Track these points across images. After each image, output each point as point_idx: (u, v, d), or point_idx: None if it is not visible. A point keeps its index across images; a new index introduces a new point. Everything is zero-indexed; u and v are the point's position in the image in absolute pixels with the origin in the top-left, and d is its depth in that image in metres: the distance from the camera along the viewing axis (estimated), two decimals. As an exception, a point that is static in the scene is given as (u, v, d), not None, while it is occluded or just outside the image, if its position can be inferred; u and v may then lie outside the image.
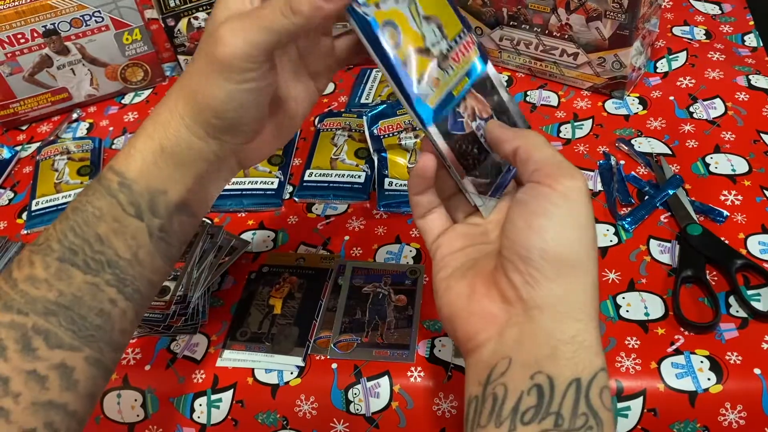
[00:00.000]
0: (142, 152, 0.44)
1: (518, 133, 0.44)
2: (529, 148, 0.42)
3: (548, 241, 0.39)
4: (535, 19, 0.81)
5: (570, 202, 0.40)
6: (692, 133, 0.77)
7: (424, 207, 0.48)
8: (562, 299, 0.40)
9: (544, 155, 0.41)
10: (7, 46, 0.85)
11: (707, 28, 0.90)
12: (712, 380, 0.57)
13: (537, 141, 0.42)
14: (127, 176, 0.44)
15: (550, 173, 0.40)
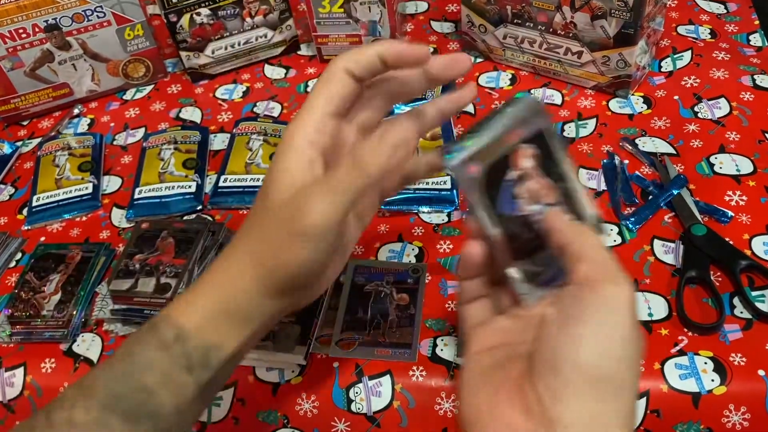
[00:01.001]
0: (203, 306, 0.43)
1: (574, 228, 0.42)
2: (581, 245, 0.40)
3: (583, 353, 0.36)
4: (539, 17, 0.80)
5: (612, 311, 0.36)
6: (697, 132, 0.76)
7: (468, 293, 0.46)
8: (592, 422, 0.35)
9: (595, 256, 0.39)
10: (9, 41, 0.85)
11: (712, 27, 0.89)
12: (716, 381, 0.56)
13: (592, 241, 0.40)
14: (184, 329, 0.43)
15: (595, 276, 0.38)
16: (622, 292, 0.37)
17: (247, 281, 0.43)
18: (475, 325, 0.45)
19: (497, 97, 0.85)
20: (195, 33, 0.90)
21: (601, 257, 0.39)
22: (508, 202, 0.42)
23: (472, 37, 0.89)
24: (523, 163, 0.43)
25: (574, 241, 0.40)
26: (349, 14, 0.88)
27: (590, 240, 0.40)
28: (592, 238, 0.40)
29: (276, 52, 0.96)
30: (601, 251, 0.39)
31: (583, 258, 0.39)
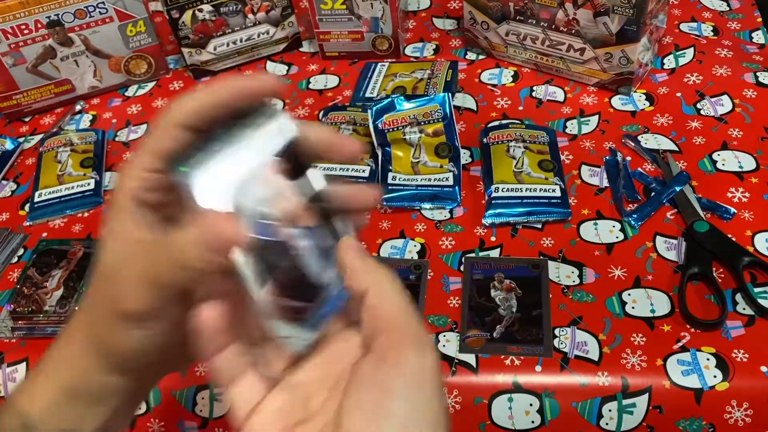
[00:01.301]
0: (48, 390, 0.38)
1: (371, 270, 0.34)
2: (379, 294, 0.34)
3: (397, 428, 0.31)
4: (542, 14, 0.80)
5: (420, 386, 0.32)
6: (699, 129, 0.76)
7: (226, 372, 0.35)
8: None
9: (394, 310, 0.33)
10: (11, 37, 0.85)
11: (715, 24, 0.89)
12: (718, 378, 0.56)
13: (389, 287, 0.34)
14: (30, 417, 0.37)
15: (396, 342, 0.32)
16: (426, 362, 0.32)
17: (87, 359, 0.37)
18: (248, 413, 0.35)
19: (499, 94, 0.85)
20: (197, 29, 0.90)
21: (401, 312, 0.33)
22: (261, 225, 0.34)
23: (475, 34, 0.89)
24: (273, 180, 0.35)
25: (372, 287, 0.34)
26: (351, 11, 0.88)
27: (388, 286, 0.34)
28: (390, 284, 0.34)
29: (278, 49, 0.96)
30: (400, 300, 0.34)
31: (383, 314, 0.33)
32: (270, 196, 0.35)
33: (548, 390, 0.58)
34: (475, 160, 0.77)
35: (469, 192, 0.74)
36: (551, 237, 0.68)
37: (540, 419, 0.58)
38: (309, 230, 0.36)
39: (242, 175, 0.34)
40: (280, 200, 0.35)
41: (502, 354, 0.60)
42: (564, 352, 0.59)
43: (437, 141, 0.75)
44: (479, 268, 0.66)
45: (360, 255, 0.36)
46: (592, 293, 0.63)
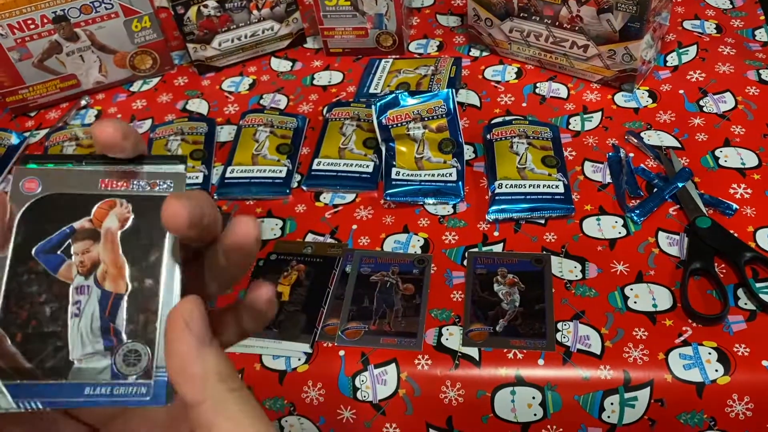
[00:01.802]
0: None
1: (207, 372, 0.27)
2: (215, 409, 0.27)
3: None
4: (545, 11, 0.80)
5: None
6: (702, 126, 0.77)
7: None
8: None
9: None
10: (17, 32, 0.85)
11: (718, 22, 0.89)
12: (719, 371, 0.57)
13: (224, 399, 0.27)
14: None
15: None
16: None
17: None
18: None
19: (503, 90, 0.85)
20: (202, 25, 0.90)
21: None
22: (52, 252, 0.29)
23: (478, 31, 0.89)
24: (106, 218, 0.30)
25: (208, 399, 0.27)
26: (355, 7, 0.89)
27: (223, 396, 0.27)
28: (225, 394, 0.27)
29: (282, 45, 0.96)
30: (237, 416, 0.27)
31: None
32: (85, 229, 0.30)
33: (551, 383, 0.58)
34: (478, 156, 0.78)
35: (472, 187, 0.74)
36: (554, 232, 0.69)
37: (542, 412, 0.58)
38: (98, 289, 0.29)
39: (73, 190, 0.30)
40: (96, 242, 0.30)
41: (505, 348, 0.60)
42: (566, 346, 0.60)
43: (441, 137, 0.76)
44: (482, 263, 0.67)
45: (196, 342, 0.27)
46: (594, 288, 0.64)
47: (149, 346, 0.29)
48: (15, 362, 0.28)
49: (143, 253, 0.30)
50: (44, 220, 0.30)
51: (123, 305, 0.29)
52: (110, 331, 0.29)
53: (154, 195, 0.30)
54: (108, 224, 0.30)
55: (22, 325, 0.28)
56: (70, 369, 0.28)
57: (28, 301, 0.29)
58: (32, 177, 0.30)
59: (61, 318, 0.29)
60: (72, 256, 0.29)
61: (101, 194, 0.30)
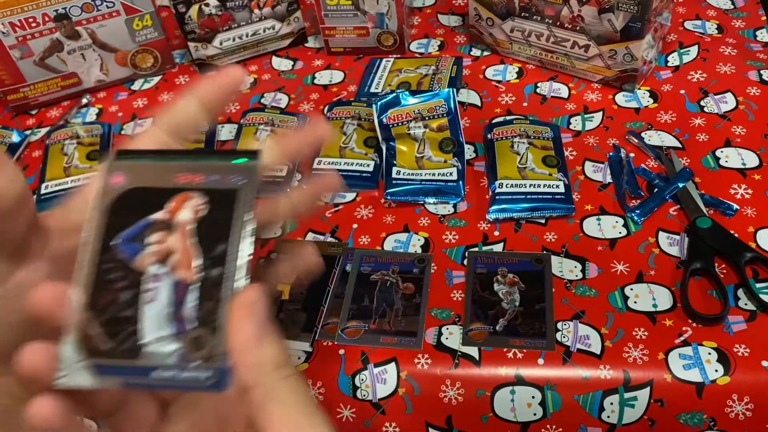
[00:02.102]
0: None
1: (263, 359, 0.29)
2: (267, 394, 0.29)
3: None
4: (546, 11, 0.80)
5: None
6: (703, 126, 0.77)
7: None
8: None
9: (285, 421, 0.29)
10: (19, 30, 0.85)
11: (719, 22, 0.89)
12: (719, 372, 0.57)
13: (277, 385, 0.29)
14: None
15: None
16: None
17: None
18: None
19: (504, 90, 0.85)
20: (203, 24, 0.90)
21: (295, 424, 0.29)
22: (132, 242, 0.32)
23: (479, 30, 0.89)
24: (180, 211, 0.32)
25: (264, 385, 0.29)
26: (356, 6, 0.89)
27: (283, 387, 0.29)
28: (285, 385, 0.29)
29: (283, 44, 0.96)
30: (298, 408, 0.29)
31: (270, 420, 0.29)
32: (161, 221, 0.32)
33: (550, 383, 0.58)
34: (479, 156, 0.78)
35: (472, 187, 0.74)
36: (554, 232, 0.69)
37: (542, 412, 0.58)
38: (172, 278, 0.31)
39: (152, 184, 0.32)
40: (171, 233, 0.32)
41: (505, 347, 0.60)
42: (566, 346, 0.60)
43: (441, 136, 0.76)
44: (482, 263, 0.67)
45: (256, 330, 0.29)
46: (594, 288, 0.64)
47: (214, 333, 0.30)
48: (95, 343, 0.30)
49: (213, 244, 0.31)
50: (126, 211, 0.32)
51: (192, 293, 0.31)
52: (179, 318, 0.30)
53: (227, 188, 0.32)
54: (182, 216, 0.32)
55: (102, 309, 0.30)
56: (142, 351, 0.30)
57: (109, 287, 0.31)
58: (119, 171, 0.33)
59: (136, 303, 0.30)
60: (149, 246, 0.31)
61: (178, 188, 0.32)
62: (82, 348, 0.30)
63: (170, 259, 0.31)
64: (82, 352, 0.30)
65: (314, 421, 0.29)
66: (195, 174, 0.32)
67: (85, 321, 0.30)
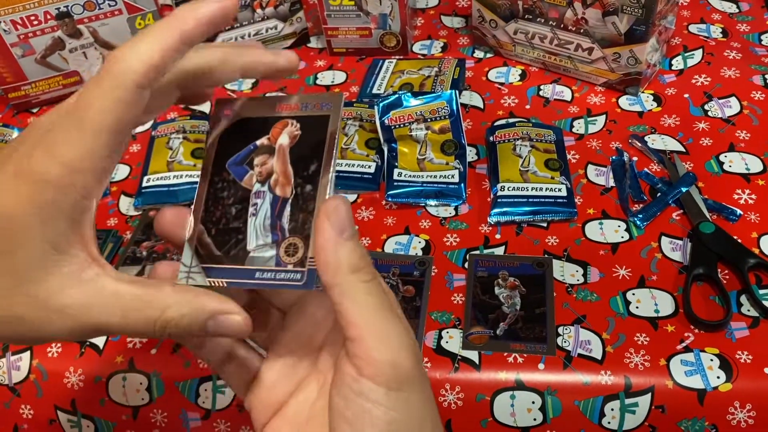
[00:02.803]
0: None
1: (340, 261, 0.32)
2: (342, 293, 0.32)
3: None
4: (550, 13, 0.80)
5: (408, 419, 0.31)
6: (707, 131, 0.76)
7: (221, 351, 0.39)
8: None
9: (373, 329, 0.32)
10: (20, 28, 0.85)
11: (724, 26, 0.89)
12: (721, 378, 0.56)
13: (353, 286, 0.32)
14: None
15: (376, 370, 0.31)
16: (415, 397, 0.32)
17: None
18: (266, 420, 0.37)
19: (506, 92, 0.85)
20: (205, 23, 0.90)
21: (384, 332, 0.32)
22: (240, 165, 0.37)
23: (483, 32, 0.89)
24: (280, 136, 0.37)
25: (346, 293, 0.32)
26: (359, 7, 0.88)
27: (367, 298, 0.32)
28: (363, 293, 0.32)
29: (286, 44, 0.96)
30: (384, 316, 0.32)
31: (358, 331, 0.32)
32: (264, 145, 0.37)
33: (551, 388, 0.58)
34: (481, 158, 0.77)
35: (474, 189, 0.74)
36: (556, 236, 0.68)
37: (542, 417, 0.58)
38: (270, 194, 0.36)
39: (256, 114, 0.37)
40: (271, 156, 0.36)
41: (505, 351, 0.60)
42: (567, 351, 0.59)
43: (443, 138, 0.75)
44: (483, 266, 0.66)
45: (334, 234, 0.32)
46: (596, 292, 0.63)
47: (304, 241, 0.34)
48: (209, 250, 0.36)
49: (306, 163, 0.36)
50: (235, 138, 0.37)
51: (288, 207, 0.35)
52: (277, 228, 0.35)
53: (318, 114, 0.36)
54: (281, 141, 0.37)
55: (215, 222, 0.36)
56: (247, 257, 0.35)
57: (221, 203, 0.36)
58: (228, 106, 0.38)
59: (243, 217, 0.36)
60: (254, 167, 0.36)
61: (277, 116, 0.37)
62: (200, 254, 0.35)
63: (271, 178, 0.36)
64: (199, 258, 0.35)
65: (388, 324, 0.32)
66: (291, 103, 0.37)
67: (201, 232, 0.36)
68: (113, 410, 0.63)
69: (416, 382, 0.32)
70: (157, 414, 0.63)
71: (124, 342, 0.65)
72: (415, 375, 0.32)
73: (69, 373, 0.64)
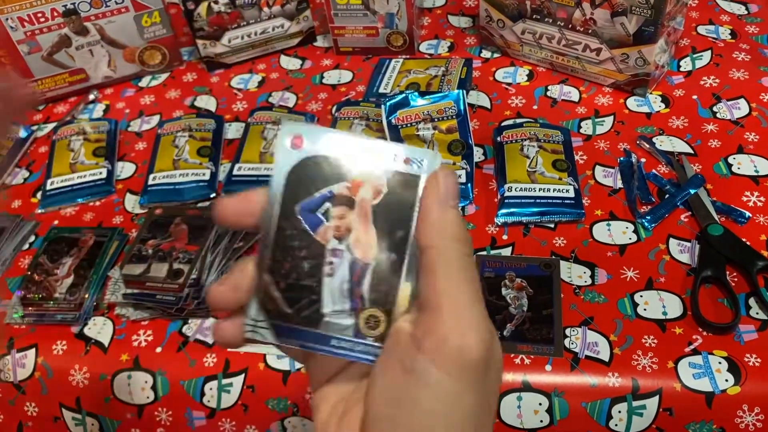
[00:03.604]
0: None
1: (445, 228, 0.30)
2: (438, 255, 0.30)
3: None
4: (558, 13, 0.80)
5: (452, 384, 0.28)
6: (715, 132, 0.76)
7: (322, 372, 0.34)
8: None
9: (455, 305, 0.29)
10: (27, 25, 0.85)
11: (733, 27, 0.88)
12: (729, 381, 0.56)
13: (451, 254, 0.30)
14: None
15: (439, 349, 0.28)
16: (468, 358, 0.28)
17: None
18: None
19: (514, 92, 0.84)
20: (212, 21, 0.90)
21: (457, 301, 0.29)
22: (313, 212, 0.32)
23: (490, 32, 0.88)
24: (361, 188, 0.32)
25: (434, 256, 0.30)
26: (366, 6, 0.88)
27: (453, 264, 0.30)
28: (455, 263, 0.30)
29: (292, 43, 0.96)
30: (461, 288, 0.29)
31: (435, 292, 0.29)
32: (343, 195, 0.32)
33: (558, 389, 0.57)
34: (488, 158, 0.77)
35: (481, 190, 0.73)
36: (564, 237, 0.68)
37: (549, 419, 0.57)
38: (350, 256, 0.32)
39: (336, 155, 0.32)
40: (352, 210, 0.32)
41: (512, 353, 0.59)
42: (574, 352, 0.59)
43: (451, 138, 0.75)
44: (490, 266, 0.66)
45: (442, 198, 0.30)
46: (603, 294, 0.63)
47: (387, 315, 0.31)
48: (277, 306, 0.32)
49: (391, 228, 0.32)
50: (308, 179, 0.32)
51: (369, 273, 0.32)
52: (356, 295, 0.32)
53: (407, 173, 0.32)
54: (363, 194, 0.32)
55: (285, 275, 0.32)
56: (321, 321, 0.32)
57: (291, 254, 0.32)
58: (299, 133, 0.32)
59: (317, 275, 0.32)
60: (329, 219, 0.32)
61: (361, 163, 0.32)
62: (267, 309, 0.32)
63: (350, 236, 0.32)
64: (266, 313, 0.32)
65: (472, 305, 0.29)
66: (377, 152, 0.32)
67: (268, 283, 0.32)
68: (118, 408, 0.63)
69: (478, 380, 0.28)
70: (162, 412, 0.62)
71: (130, 340, 0.65)
72: (479, 370, 0.28)
73: (74, 371, 0.64)
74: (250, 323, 0.32)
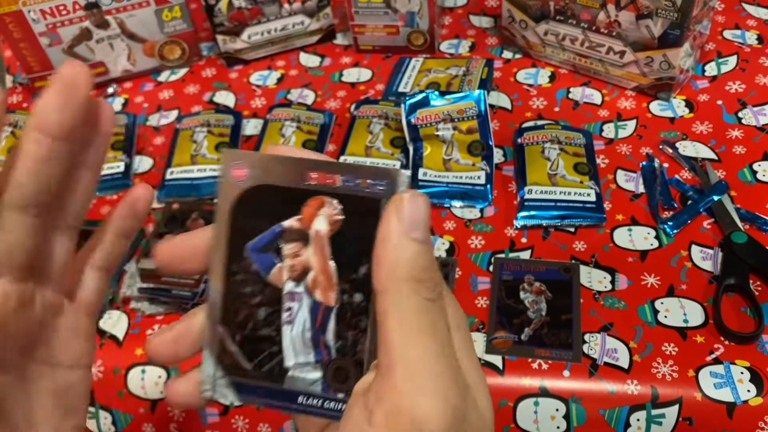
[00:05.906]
0: None
1: (398, 261, 0.25)
2: (390, 303, 0.25)
3: None
4: (582, 15, 0.79)
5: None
6: (740, 139, 0.74)
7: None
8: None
9: (410, 361, 0.24)
10: (49, 17, 0.85)
11: (759, 32, 0.87)
12: (752, 392, 0.55)
13: (406, 301, 0.25)
14: None
15: (391, 419, 0.23)
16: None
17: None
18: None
19: (535, 94, 0.83)
20: (233, 17, 0.90)
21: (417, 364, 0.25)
22: (263, 252, 0.29)
23: (512, 33, 0.87)
24: (315, 220, 0.28)
25: (392, 330, 0.25)
26: (388, 4, 0.87)
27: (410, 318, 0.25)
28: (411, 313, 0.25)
29: (312, 40, 0.95)
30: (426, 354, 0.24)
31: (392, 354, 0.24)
32: (295, 230, 0.28)
33: (575, 396, 0.57)
34: (508, 160, 0.76)
35: (501, 191, 0.73)
36: (584, 241, 0.67)
37: (566, 425, 0.56)
38: (308, 297, 0.28)
39: (283, 182, 0.28)
40: (306, 245, 0.28)
41: (530, 357, 0.59)
42: (593, 359, 0.58)
43: (471, 138, 0.74)
44: (509, 269, 0.65)
45: (400, 229, 0.25)
46: (623, 300, 0.62)
47: (357, 367, 0.28)
48: (236, 361, 0.29)
49: (353, 263, 0.28)
50: (254, 213, 0.28)
51: (332, 318, 0.28)
52: (321, 344, 0.28)
53: (368, 196, 0.27)
54: (317, 226, 0.28)
55: (240, 326, 0.29)
56: (285, 376, 0.29)
57: (244, 301, 0.29)
58: (240, 163, 0.29)
59: (275, 323, 0.29)
60: (283, 258, 0.28)
61: (309, 189, 0.28)
62: (224, 364, 0.29)
63: (307, 276, 0.28)
64: (224, 369, 0.29)
65: (432, 361, 0.23)
66: (329, 173, 0.28)
67: (222, 336, 0.29)
68: (131, 403, 0.63)
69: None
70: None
71: (144, 335, 0.64)
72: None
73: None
74: (208, 381, 0.29)
